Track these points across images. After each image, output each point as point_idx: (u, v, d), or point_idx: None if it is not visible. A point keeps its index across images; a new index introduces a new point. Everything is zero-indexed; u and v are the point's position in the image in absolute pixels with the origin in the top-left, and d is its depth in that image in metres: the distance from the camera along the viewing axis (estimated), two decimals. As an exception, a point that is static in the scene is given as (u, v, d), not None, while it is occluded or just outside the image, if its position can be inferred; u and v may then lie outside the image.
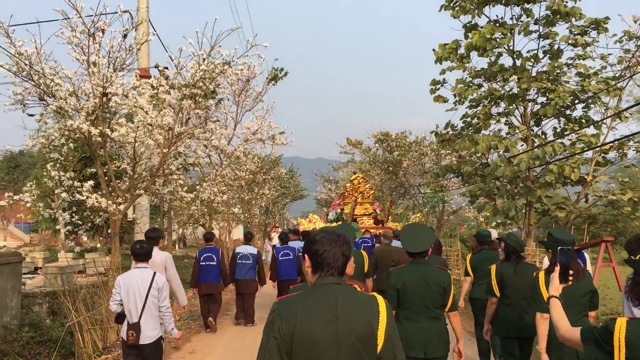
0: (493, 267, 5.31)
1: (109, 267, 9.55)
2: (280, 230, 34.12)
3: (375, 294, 2.44)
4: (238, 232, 41.75)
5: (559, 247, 3.16)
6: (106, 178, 9.31)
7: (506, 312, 5.13)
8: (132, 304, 5.12)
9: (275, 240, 26.97)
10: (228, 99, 18.38)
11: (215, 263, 9.74)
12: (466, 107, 11.30)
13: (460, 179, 11.42)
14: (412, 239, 4.39)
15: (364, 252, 7.36)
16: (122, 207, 8.71)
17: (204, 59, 9.21)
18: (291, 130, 18.07)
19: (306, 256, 2.45)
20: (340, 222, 14.38)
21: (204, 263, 9.75)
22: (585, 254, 6.92)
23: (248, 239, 11.09)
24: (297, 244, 10.51)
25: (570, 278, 2.98)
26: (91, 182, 8.84)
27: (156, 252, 6.47)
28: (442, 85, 10.95)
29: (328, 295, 2.32)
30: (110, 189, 9.35)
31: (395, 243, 8.84)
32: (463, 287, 7.26)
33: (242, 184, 18.00)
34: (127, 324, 5.16)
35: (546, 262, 5.45)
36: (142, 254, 5.28)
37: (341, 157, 35.55)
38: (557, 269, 2.99)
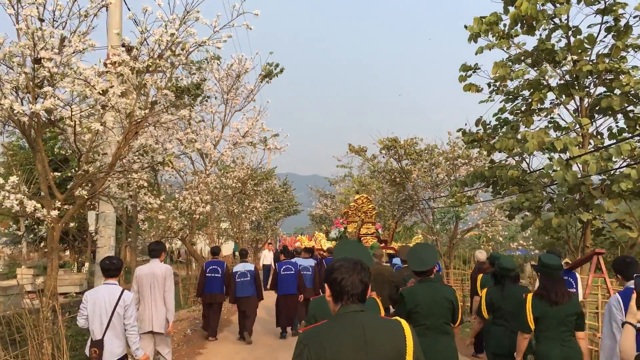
0: (484, 291, 5.63)
1: (46, 289, 7.28)
2: (273, 248, 31.76)
3: (398, 318, 2.47)
4: (227, 248, 39.50)
5: (635, 275, 3.15)
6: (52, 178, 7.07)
7: (497, 331, 5.39)
8: (96, 321, 5.07)
9: (269, 260, 24.69)
10: (215, 97, 16.23)
11: (220, 275, 10.41)
12: (501, 101, 9.18)
13: (492, 188, 9.23)
14: (418, 258, 4.62)
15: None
16: (54, 213, 6.46)
17: (175, 24, 7.04)
18: (286, 133, 15.93)
19: (326, 285, 2.48)
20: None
21: (210, 275, 10.43)
22: (577, 274, 7.19)
23: (243, 255, 11.17)
24: (308, 262, 11.12)
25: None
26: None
27: (157, 264, 6.96)
28: (474, 72, 8.85)
29: (354, 323, 2.33)
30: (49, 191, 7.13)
31: (396, 261, 9.24)
32: (474, 306, 7.41)
33: (229, 193, 15.70)
34: (91, 341, 5.09)
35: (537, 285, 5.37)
36: (111, 270, 5.22)
37: (338, 172, 33.61)
38: (634, 296, 3.02)
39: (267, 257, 24.83)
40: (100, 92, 6.55)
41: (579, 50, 7.94)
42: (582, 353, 4.43)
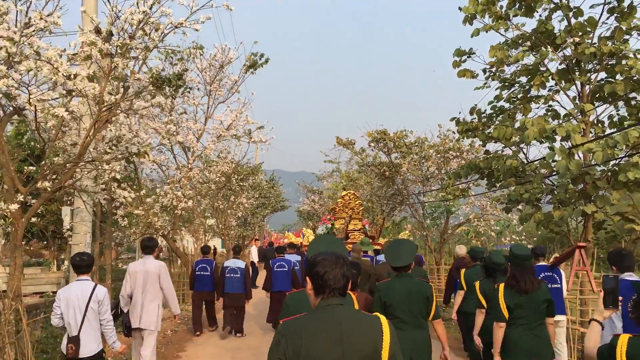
0: (477, 284, 5.80)
1: (8, 290, 6.68)
2: (259, 244, 31.12)
3: (377, 314, 2.49)
4: (214, 245, 38.73)
5: (603, 275, 3.30)
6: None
7: (488, 320, 5.49)
8: (71, 317, 5.03)
9: (254, 256, 24.13)
10: (198, 89, 15.61)
11: (209, 273, 10.69)
12: (497, 88, 8.72)
13: (487, 180, 8.77)
14: (396, 254, 4.75)
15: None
16: (13, 207, 5.88)
17: (147, 1, 6.47)
18: (271, 126, 15.37)
19: (307, 278, 2.48)
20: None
21: (199, 273, 10.69)
22: (562, 270, 7.13)
23: (236, 252, 11.11)
24: (294, 257, 11.14)
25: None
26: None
27: (150, 261, 6.83)
28: (469, 57, 8.36)
29: (332, 316, 2.35)
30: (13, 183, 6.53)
31: (381, 258, 9.35)
32: (456, 300, 7.54)
33: (213, 188, 15.11)
34: (67, 337, 5.06)
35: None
36: (82, 266, 5.17)
37: (326, 167, 33.09)
38: (602, 294, 3.14)
39: (254, 253, 24.30)
40: (66, 75, 5.97)
41: (580, 33, 7.48)
42: (549, 341, 4.62)
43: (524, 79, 8.37)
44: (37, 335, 8.62)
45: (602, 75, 7.89)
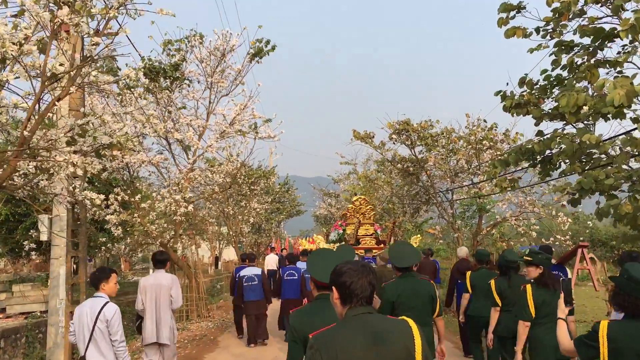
0: (492, 282, 6.14)
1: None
2: (277, 251, 29.49)
3: (405, 317, 2.51)
4: (229, 254, 37.39)
5: (562, 279, 4.53)
6: None
7: (502, 316, 5.98)
8: (80, 336, 4.88)
9: (272, 265, 22.60)
10: (199, 81, 14.09)
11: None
12: (550, 54, 7.00)
13: (540, 168, 7.06)
14: (400, 255, 5.08)
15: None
16: None
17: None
18: (280, 119, 13.74)
19: (334, 288, 2.50)
20: (342, 243, 14.16)
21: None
22: (568, 269, 7.46)
23: (251, 259, 11.19)
24: (304, 265, 10.91)
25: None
26: None
27: (162, 275, 6.78)
28: (518, 12, 6.68)
29: (363, 325, 2.36)
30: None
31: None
32: (462, 303, 7.66)
33: (217, 190, 13.53)
34: (79, 357, 4.90)
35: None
36: (92, 281, 4.99)
37: (342, 169, 31.46)
38: (562, 295, 3.69)
39: (270, 262, 22.72)
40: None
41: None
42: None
43: (587, 40, 6.64)
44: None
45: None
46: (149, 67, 12.23)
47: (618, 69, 6.68)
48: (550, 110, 6.63)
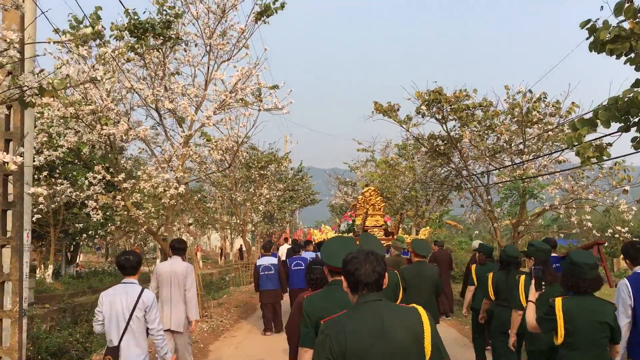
0: (490, 275, 6.40)
1: None
2: (289, 241, 27.80)
3: (415, 305, 2.54)
4: (239, 244, 35.76)
5: (533, 266, 4.50)
6: None
7: (500, 311, 6.11)
8: (113, 325, 4.56)
9: (284, 255, 20.99)
10: (196, 44, 12.14)
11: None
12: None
13: (637, 130, 5.05)
14: (423, 245, 6.72)
15: (396, 271, 6.57)
16: None
17: None
18: (290, 88, 11.73)
19: (343, 277, 2.58)
20: (351, 234, 14.20)
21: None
22: None
23: (267, 249, 11.23)
24: (310, 255, 11.28)
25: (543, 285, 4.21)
26: None
27: (178, 262, 6.76)
28: None
29: (373, 312, 2.42)
30: None
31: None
32: (466, 296, 7.87)
33: (214, 169, 11.61)
34: (106, 348, 4.62)
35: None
36: (127, 267, 4.67)
37: (359, 156, 29.55)
38: (533, 281, 4.19)
39: (284, 252, 21.10)
40: None
41: None
42: None
43: None
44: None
45: None
46: (134, 24, 10.34)
47: None
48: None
